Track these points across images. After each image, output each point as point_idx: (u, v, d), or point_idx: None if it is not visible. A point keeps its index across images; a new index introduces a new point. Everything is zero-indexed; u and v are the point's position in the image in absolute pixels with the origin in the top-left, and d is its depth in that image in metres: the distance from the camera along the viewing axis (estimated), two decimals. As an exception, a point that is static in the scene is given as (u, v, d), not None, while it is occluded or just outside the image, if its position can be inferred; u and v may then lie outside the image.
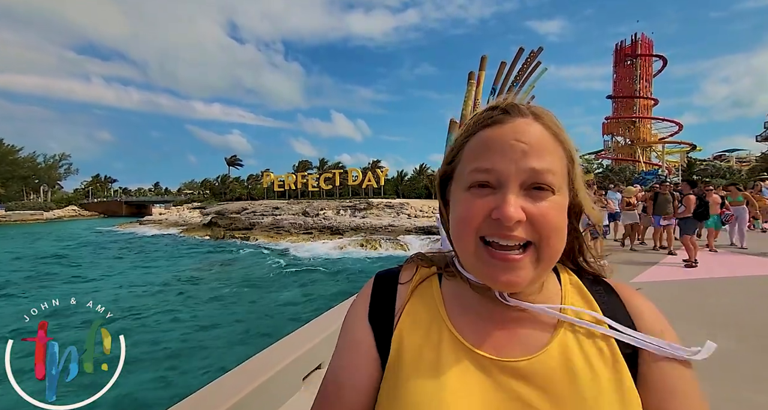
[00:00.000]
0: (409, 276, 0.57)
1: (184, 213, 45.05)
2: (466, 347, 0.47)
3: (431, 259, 0.58)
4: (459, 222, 0.47)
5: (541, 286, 0.51)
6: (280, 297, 12.33)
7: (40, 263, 19.33)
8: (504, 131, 0.46)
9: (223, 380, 1.85)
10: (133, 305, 11.12)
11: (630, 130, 47.98)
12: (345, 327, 0.56)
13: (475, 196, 0.45)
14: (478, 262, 0.45)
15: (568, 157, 0.48)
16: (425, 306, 0.53)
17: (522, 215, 0.42)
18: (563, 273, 0.54)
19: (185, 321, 9.85)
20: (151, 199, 68.00)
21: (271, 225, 31.51)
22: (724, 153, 55.49)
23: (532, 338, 0.48)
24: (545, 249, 0.44)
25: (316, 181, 43.84)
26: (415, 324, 0.51)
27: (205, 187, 63.33)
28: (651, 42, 48.71)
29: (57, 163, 74.87)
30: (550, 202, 0.44)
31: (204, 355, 7.64)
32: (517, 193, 0.43)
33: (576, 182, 0.49)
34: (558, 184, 0.45)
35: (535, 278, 0.45)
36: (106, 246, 26.04)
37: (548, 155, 0.45)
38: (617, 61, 49.77)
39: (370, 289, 0.57)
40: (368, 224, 28.87)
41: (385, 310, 0.54)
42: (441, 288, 0.54)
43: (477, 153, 0.47)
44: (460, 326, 0.50)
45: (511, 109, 0.48)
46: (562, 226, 0.45)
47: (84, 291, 13.24)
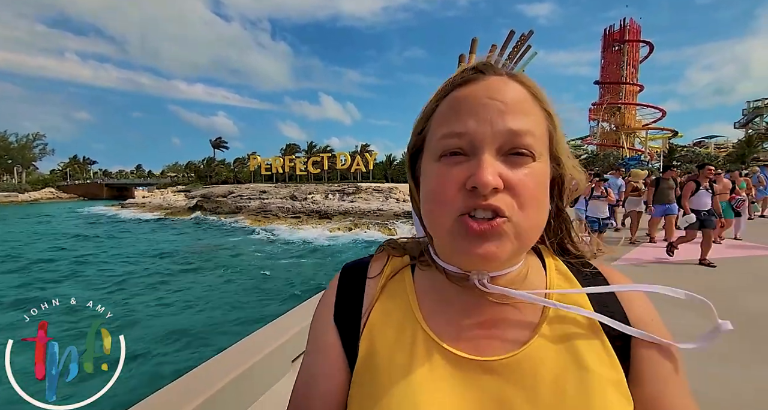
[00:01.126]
0: (379, 268, 0.52)
1: (168, 196, 44.07)
2: (442, 347, 0.43)
3: (403, 247, 0.54)
4: (431, 197, 0.42)
5: (525, 275, 0.47)
6: (267, 283, 12.38)
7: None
8: (476, 89, 0.41)
9: (211, 363, 1.89)
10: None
11: (615, 115, 48.61)
12: (312, 329, 0.51)
13: (447, 166, 0.40)
14: (453, 238, 0.40)
15: (549, 119, 0.43)
16: (397, 302, 0.48)
17: (499, 182, 0.38)
18: (548, 259, 0.50)
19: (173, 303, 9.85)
20: (134, 182, 66.22)
21: (259, 209, 31.22)
22: (704, 139, 56.93)
23: (514, 333, 0.44)
24: (523, 221, 0.39)
25: (304, 165, 43.29)
26: (385, 323, 0.47)
27: (190, 170, 61.85)
28: (639, 27, 48.78)
29: (31, 143, 71.43)
30: (530, 168, 0.39)
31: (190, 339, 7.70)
32: (494, 157, 0.39)
33: (558, 148, 0.44)
34: (538, 149, 0.40)
35: (514, 254, 0.41)
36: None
37: (527, 115, 0.40)
38: (605, 47, 49.81)
39: (336, 286, 0.52)
40: (357, 208, 28.89)
41: (353, 309, 0.49)
42: (414, 281, 0.50)
43: (447, 116, 0.41)
44: (435, 323, 0.45)
45: (485, 68, 0.43)
46: (541, 197, 0.41)
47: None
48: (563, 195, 0.48)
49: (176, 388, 1.65)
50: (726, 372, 2.44)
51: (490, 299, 0.45)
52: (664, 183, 6.84)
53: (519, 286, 0.45)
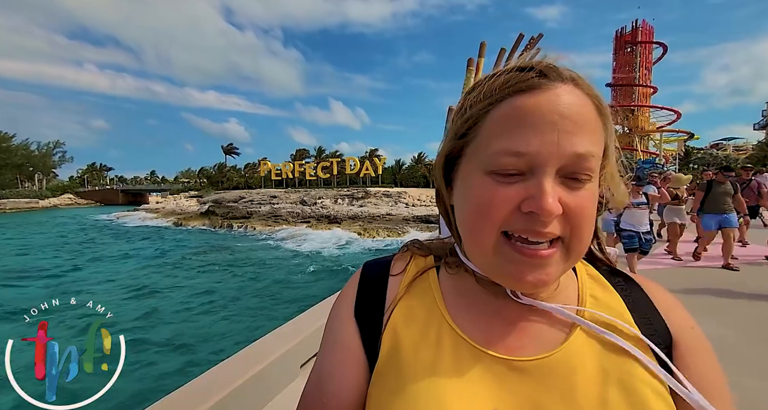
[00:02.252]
0: (402, 266, 0.50)
1: (181, 201, 44.87)
2: (470, 344, 0.42)
3: (428, 247, 0.53)
4: (476, 212, 0.39)
5: (557, 284, 0.45)
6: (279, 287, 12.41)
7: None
8: (541, 102, 0.36)
9: (219, 367, 1.87)
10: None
11: (628, 118, 47.76)
12: (329, 326, 0.49)
13: (498, 183, 0.37)
14: (499, 259, 0.38)
15: (607, 133, 0.40)
16: (421, 300, 0.46)
17: (560, 209, 0.35)
18: (578, 266, 0.49)
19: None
20: (148, 188, 67.67)
21: (269, 213, 31.52)
22: (722, 141, 55.49)
23: (547, 334, 0.42)
24: (576, 244, 0.38)
25: (313, 170, 43.67)
26: (409, 321, 0.45)
27: (202, 176, 62.91)
28: (651, 29, 48.05)
29: (51, 151, 73.75)
30: (587, 191, 0.37)
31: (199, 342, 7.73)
32: (554, 180, 0.36)
33: (611, 165, 0.42)
34: (595, 170, 0.38)
35: (561, 275, 0.40)
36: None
37: (592, 135, 0.37)
38: (617, 49, 49.17)
39: (357, 282, 0.51)
40: (366, 213, 28.92)
41: (374, 306, 0.47)
42: (439, 281, 0.48)
43: (506, 128, 0.36)
44: (462, 321, 0.44)
45: (549, 71, 0.37)
46: (593, 217, 0.39)
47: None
48: (601, 207, 0.46)
49: (181, 395, 1.63)
50: (750, 382, 2.33)
51: (522, 305, 0.44)
52: (718, 187, 5.47)
53: (550, 291, 0.44)
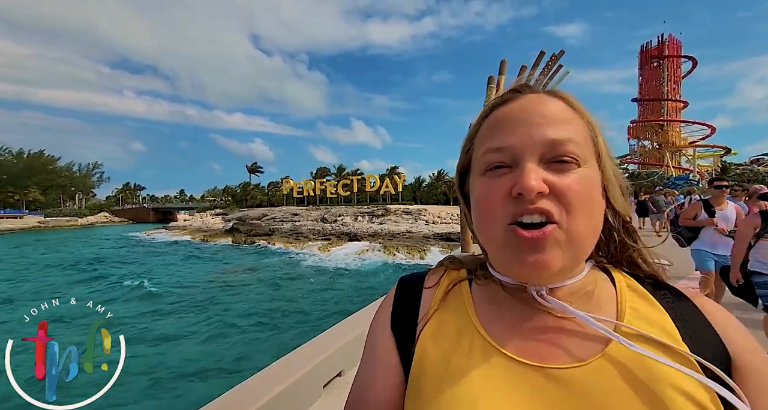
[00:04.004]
0: (435, 280, 0.52)
1: (207, 219, 46.39)
2: (500, 352, 0.42)
3: (461, 262, 0.54)
4: (478, 208, 0.43)
5: (591, 291, 0.44)
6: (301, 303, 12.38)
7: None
8: (514, 107, 0.43)
9: (241, 387, 1.81)
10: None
11: (658, 133, 46.18)
12: (368, 339, 0.52)
13: (491, 178, 0.42)
14: (506, 250, 0.40)
15: (590, 128, 0.43)
16: (453, 311, 0.48)
17: (544, 186, 0.38)
18: (617, 275, 0.47)
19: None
20: (177, 206, 70.48)
21: (291, 231, 31.96)
22: (763, 156, 52.41)
23: (581, 344, 0.41)
24: (574, 227, 0.39)
25: (334, 188, 44.26)
26: (441, 331, 0.46)
27: (227, 194, 65.12)
28: (679, 43, 47.07)
29: (91, 172, 79.17)
30: (576, 173, 0.40)
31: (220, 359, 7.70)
32: (537, 165, 0.39)
33: (602, 156, 0.44)
34: (583, 156, 0.41)
35: (568, 262, 0.40)
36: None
37: (567, 124, 0.41)
38: (643, 63, 48.28)
39: (393, 296, 0.53)
40: (386, 230, 28.81)
41: (409, 318, 0.49)
42: (471, 293, 0.49)
43: (488, 133, 0.44)
44: (494, 330, 0.44)
45: (521, 88, 0.45)
46: (591, 202, 0.40)
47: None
48: (618, 203, 0.46)
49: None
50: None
51: (553, 312, 0.43)
52: None
53: (583, 302, 0.43)
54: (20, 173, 65.47)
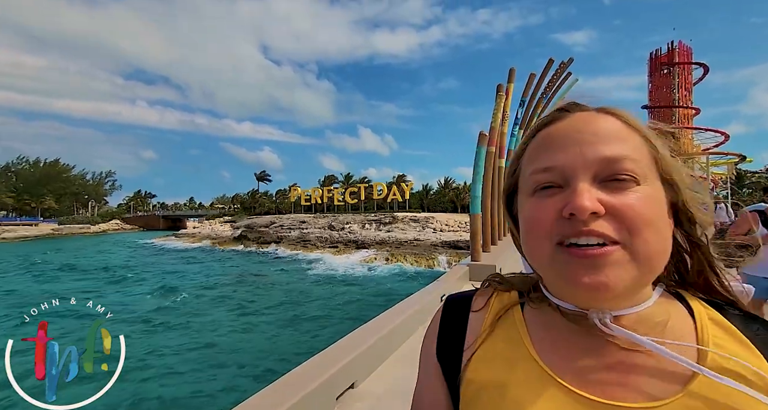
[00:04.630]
0: (483, 302, 0.49)
1: (216, 226, 46.87)
2: (561, 384, 0.38)
3: (510, 282, 0.50)
4: (527, 229, 0.40)
5: (665, 321, 0.39)
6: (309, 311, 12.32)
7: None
8: (562, 126, 0.41)
9: (252, 401, 1.77)
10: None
11: (669, 141, 45.54)
12: (420, 362, 0.50)
13: (540, 198, 0.39)
14: (555, 268, 0.37)
15: (649, 144, 0.40)
16: (505, 338, 0.44)
17: (599, 207, 0.35)
18: (696, 305, 0.41)
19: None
20: (186, 213, 71.30)
21: (298, 238, 32.04)
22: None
23: (655, 383, 0.36)
24: (640, 247, 0.35)
25: (341, 195, 44.45)
26: (493, 360, 0.43)
27: (236, 202, 65.84)
28: (690, 49, 46.74)
29: (103, 180, 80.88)
30: (635, 192, 0.36)
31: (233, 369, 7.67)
32: (590, 185, 0.36)
33: (670, 170, 0.39)
34: (642, 173, 0.37)
35: (634, 285, 0.36)
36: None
37: (621, 142, 0.38)
38: (652, 70, 47.99)
39: (439, 318, 0.50)
40: (393, 238, 28.70)
41: (455, 343, 0.47)
42: (524, 317, 0.45)
43: (535, 154, 0.41)
44: (552, 362, 0.40)
45: (569, 106, 0.43)
46: (656, 220, 0.36)
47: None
48: (693, 222, 0.41)
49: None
50: None
51: (619, 343, 0.38)
52: None
53: (655, 333, 0.38)
54: (36, 181, 67.30)
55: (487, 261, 6.65)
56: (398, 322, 3.20)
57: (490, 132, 8.71)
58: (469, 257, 6.99)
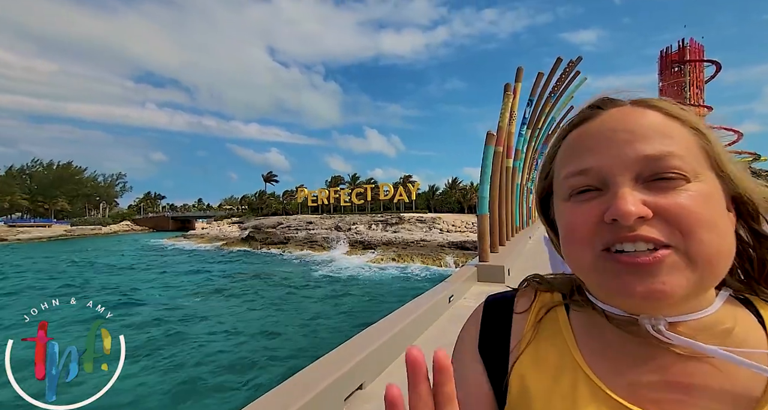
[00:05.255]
0: (527, 303, 0.47)
1: (224, 227, 47.27)
2: (612, 398, 0.35)
3: (551, 283, 0.48)
4: (566, 236, 0.38)
5: (730, 328, 0.36)
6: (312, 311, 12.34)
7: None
8: (596, 124, 0.38)
9: (261, 401, 1.76)
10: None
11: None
12: (455, 363, 0.46)
13: (578, 203, 0.37)
14: (602, 277, 0.34)
15: (699, 135, 0.36)
16: (551, 342, 0.42)
17: (645, 210, 0.32)
18: (766, 311, 0.38)
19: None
20: (195, 215, 72.07)
21: (305, 239, 32.17)
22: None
23: (719, 401, 0.33)
24: (697, 249, 0.32)
25: (348, 196, 44.56)
26: (538, 366, 0.41)
27: (244, 203, 66.37)
28: (701, 47, 45.93)
29: (114, 182, 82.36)
30: (685, 190, 0.33)
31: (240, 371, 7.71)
32: (633, 186, 0.34)
33: (723, 164, 0.36)
34: (692, 169, 0.34)
35: (692, 290, 0.33)
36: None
37: (665, 137, 0.35)
38: (663, 69, 47.25)
39: (480, 316, 0.48)
40: (400, 239, 28.66)
41: (499, 344, 0.45)
42: (570, 321, 0.43)
43: (568, 156, 0.39)
44: (601, 371, 0.37)
45: (602, 103, 0.39)
46: (714, 218, 0.33)
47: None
48: (757, 216, 0.38)
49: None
50: None
51: (677, 352, 0.35)
52: None
53: (720, 341, 0.34)
54: (50, 184, 68.83)
55: (496, 261, 6.58)
56: (407, 323, 3.18)
57: (498, 131, 8.63)
58: (477, 258, 6.93)
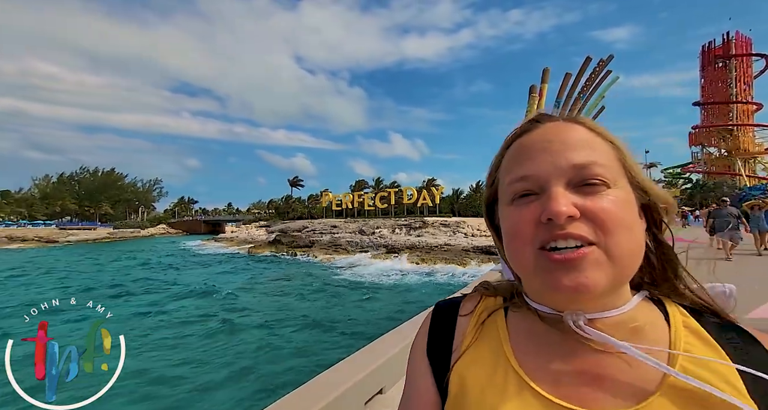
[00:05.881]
0: (471, 307, 0.51)
1: (252, 231, 48.85)
2: (536, 391, 0.40)
3: (496, 288, 0.52)
4: (509, 236, 0.42)
5: (640, 326, 0.40)
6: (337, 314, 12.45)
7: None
8: (534, 136, 0.43)
9: (282, 403, 1.80)
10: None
11: (726, 139, 41.79)
12: (408, 364, 0.52)
13: (519, 206, 0.41)
14: (538, 273, 0.39)
15: (616, 150, 0.42)
16: (489, 342, 0.46)
17: (574, 210, 0.37)
18: (673, 312, 0.43)
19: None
20: (225, 218, 74.95)
21: (330, 243, 32.60)
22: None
23: (626, 388, 0.37)
24: (614, 247, 0.37)
25: (371, 200, 44.76)
26: (476, 363, 0.45)
27: (271, 207, 68.25)
28: (748, 40, 42.78)
29: (152, 187, 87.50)
30: (607, 195, 0.39)
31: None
32: (564, 190, 0.39)
33: (637, 175, 0.42)
34: (612, 177, 0.40)
35: (610, 285, 0.37)
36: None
37: (590, 148, 0.40)
38: (705, 64, 44.36)
39: (429, 321, 0.53)
40: (424, 243, 28.43)
41: (444, 345, 0.49)
42: (507, 323, 0.47)
43: (511, 164, 0.44)
44: (529, 366, 0.42)
45: (540, 117, 0.46)
46: (628, 221, 0.39)
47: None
48: (660, 225, 0.44)
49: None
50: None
51: (594, 347, 0.40)
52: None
53: (629, 338, 0.39)
54: (95, 189, 74.38)
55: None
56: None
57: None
58: (501, 263, 6.75)
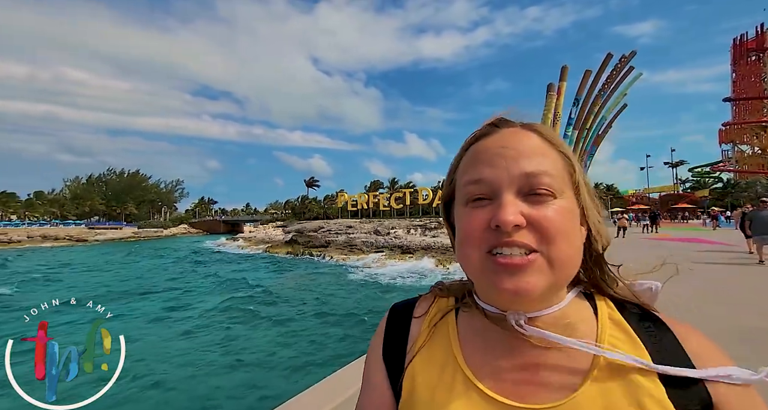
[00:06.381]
0: (425, 308, 0.53)
1: (269, 231, 49.68)
2: (479, 389, 0.43)
3: (449, 289, 0.54)
4: (461, 238, 0.44)
5: (572, 321, 0.44)
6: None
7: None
8: (490, 141, 0.45)
9: (294, 402, 1.82)
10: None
11: (759, 136, 39.64)
12: (365, 365, 0.53)
13: (473, 209, 0.43)
14: (484, 274, 0.41)
15: (566, 161, 0.45)
16: (440, 342, 0.48)
17: (521, 219, 0.39)
18: (601, 306, 0.47)
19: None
20: (243, 219, 76.53)
21: (345, 243, 32.80)
22: None
23: (560, 379, 0.41)
24: (555, 254, 0.40)
25: (387, 201, 44.76)
26: (428, 363, 0.47)
27: (287, 207, 69.22)
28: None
29: (174, 188, 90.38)
30: (553, 205, 0.41)
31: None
32: (514, 199, 0.41)
33: (581, 187, 0.45)
34: (559, 188, 0.42)
35: (548, 288, 0.41)
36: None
37: (541, 158, 0.42)
38: (737, 58, 42.18)
39: (384, 324, 0.54)
40: (439, 243, 28.20)
41: (398, 348, 0.50)
42: (457, 323, 0.50)
43: (467, 167, 0.45)
44: (475, 364, 0.45)
45: (498, 122, 0.47)
46: (569, 231, 0.41)
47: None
48: (592, 234, 0.47)
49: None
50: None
51: (533, 342, 0.43)
52: None
53: (563, 333, 0.42)
54: (121, 190, 77.52)
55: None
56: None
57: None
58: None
